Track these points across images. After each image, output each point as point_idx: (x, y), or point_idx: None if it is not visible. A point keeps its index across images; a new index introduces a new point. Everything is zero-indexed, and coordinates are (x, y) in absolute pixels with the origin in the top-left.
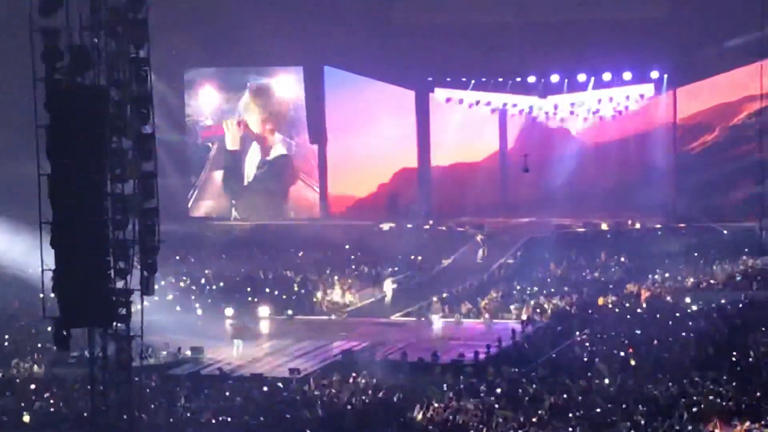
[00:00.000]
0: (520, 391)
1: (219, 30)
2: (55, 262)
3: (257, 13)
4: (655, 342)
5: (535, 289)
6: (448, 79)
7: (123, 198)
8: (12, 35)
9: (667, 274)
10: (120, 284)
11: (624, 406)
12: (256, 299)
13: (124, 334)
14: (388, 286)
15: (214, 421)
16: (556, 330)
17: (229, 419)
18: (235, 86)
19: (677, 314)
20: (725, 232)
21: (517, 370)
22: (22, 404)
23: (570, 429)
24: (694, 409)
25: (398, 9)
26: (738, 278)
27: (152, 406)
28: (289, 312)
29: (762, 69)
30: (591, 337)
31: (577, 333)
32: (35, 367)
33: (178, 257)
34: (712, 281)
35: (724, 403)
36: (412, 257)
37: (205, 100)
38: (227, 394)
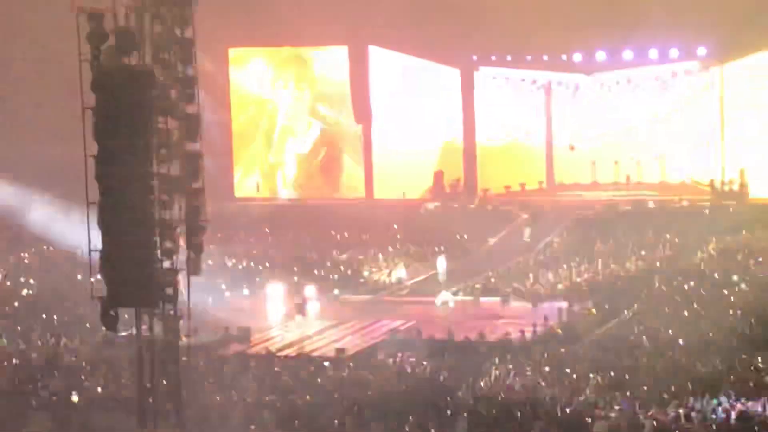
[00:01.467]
0: (566, 370)
1: (263, 9)
2: (101, 242)
3: None
4: (703, 321)
5: (582, 267)
6: (493, 58)
7: (169, 178)
8: (57, 18)
9: (713, 251)
10: (167, 264)
11: (671, 384)
12: (302, 279)
13: (171, 314)
14: (441, 264)
15: (261, 401)
16: (604, 309)
17: (276, 399)
18: (287, 62)
19: (725, 291)
20: None
21: (563, 349)
22: (71, 384)
23: (617, 407)
24: (742, 387)
25: None
26: None
27: (199, 386)
28: (336, 292)
29: None
30: (638, 315)
31: (624, 311)
32: (83, 347)
33: (221, 236)
34: (760, 258)
35: None
36: (458, 237)
37: (256, 76)
38: (274, 373)
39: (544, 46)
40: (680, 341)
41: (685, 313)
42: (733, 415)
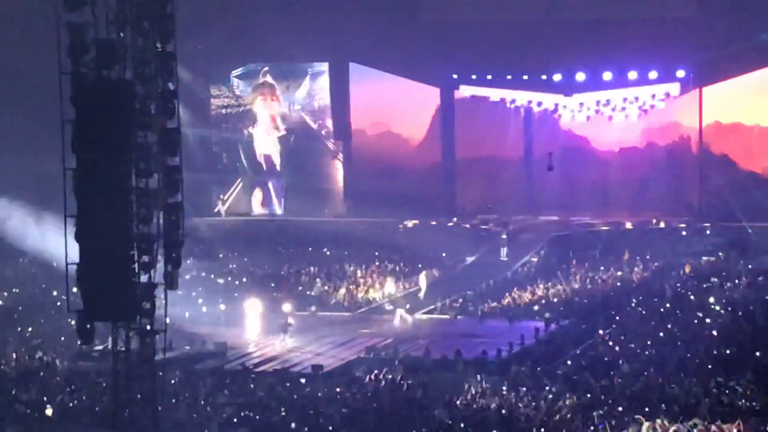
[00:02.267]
0: (543, 389)
1: (245, 25)
2: (79, 255)
3: (283, 9)
4: (678, 342)
5: (558, 287)
6: (474, 77)
7: (147, 192)
8: (38, 29)
9: (690, 273)
10: (144, 278)
11: (647, 405)
12: (279, 295)
13: (148, 329)
14: (423, 281)
15: (236, 417)
16: (580, 328)
17: (251, 414)
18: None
19: (700, 313)
20: (750, 231)
21: (539, 368)
22: (45, 398)
23: (592, 428)
24: (718, 409)
25: (425, 6)
26: (761, 278)
27: (174, 401)
28: (313, 308)
29: None
30: (614, 335)
31: (600, 332)
32: (58, 360)
33: (201, 251)
34: (736, 280)
35: (747, 404)
36: (436, 255)
37: (236, 92)
38: (250, 389)
39: (524, 66)
40: (655, 362)
41: (661, 334)
42: None
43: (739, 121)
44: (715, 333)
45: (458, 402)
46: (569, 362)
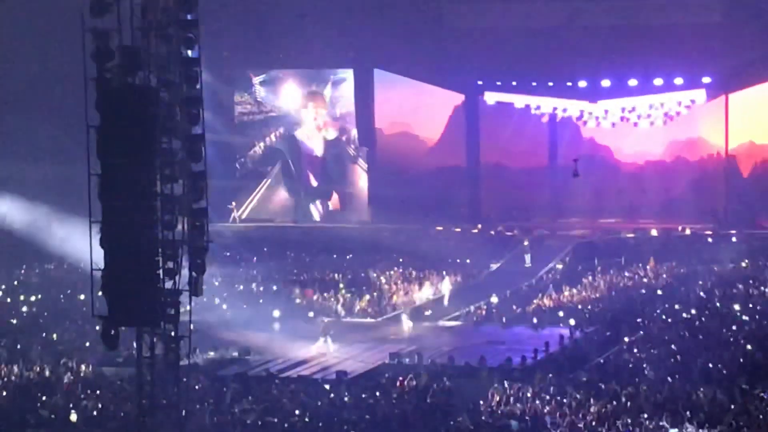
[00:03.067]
0: (567, 396)
1: (269, 32)
2: (104, 261)
3: (308, 15)
4: (704, 349)
5: (583, 294)
6: (498, 83)
7: (172, 198)
8: (64, 36)
9: (715, 280)
10: (168, 284)
11: (672, 413)
12: (304, 301)
13: (172, 334)
14: (446, 287)
15: (260, 423)
16: (605, 335)
17: (275, 421)
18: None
19: (726, 321)
20: None
21: (564, 375)
22: (70, 403)
23: None
24: (743, 418)
25: (449, 12)
26: None
27: (198, 406)
28: (338, 313)
29: None
30: (639, 342)
31: (626, 338)
32: (83, 366)
33: (227, 257)
34: (762, 288)
35: None
36: (460, 261)
37: (260, 97)
38: (274, 395)
39: (549, 73)
40: (680, 370)
41: (686, 342)
42: None
43: (765, 127)
44: (740, 340)
45: (482, 409)
46: (594, 369)
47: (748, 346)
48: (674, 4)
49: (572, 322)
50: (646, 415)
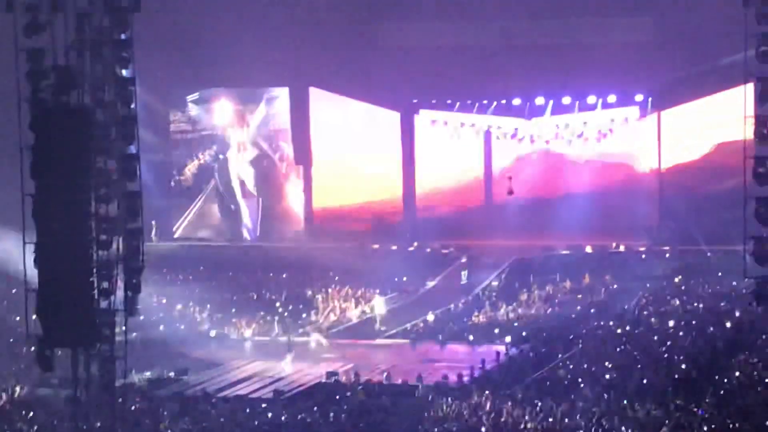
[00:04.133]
0: (504, 413)
1: (204, 50)
2: (38, 281)
3: (243, 34)
4: (638, 365)
5: (520, 311)
6: (433, 101)
7: (107, 218)
8: None
9: (651, 297)
10: (104, 304)
11: (607, 429)
12: (241, 320)
13: (108, 355)
14: (379, 305)
15: None
16: (540, 352)
17: None
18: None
19: (660, 337)
20: (709, 254)
21: (500, 392)
22: (5, 426)
23: None
24: None
25: (384, 31)
26: (722, 302)
27: (136, 427)
28: (274, 333)
29: (746, 92)
30: (575, 359)
31: (560, 355)
32: (18, 388)
33: (164, 277)
34: (696, 304)
35: (706, 427)
36: (397, 279)
37: (192, 115)
38: (212, 415)
39: (483, 90)
40: (616, 385)
41: (621, 358)
42: None
43: (697, 144)
44: (675, 356)
45: (420, 427)
46: (530, 386)
47: (683, 364)
48: (606, 23)
49: (508, 339)
50: None
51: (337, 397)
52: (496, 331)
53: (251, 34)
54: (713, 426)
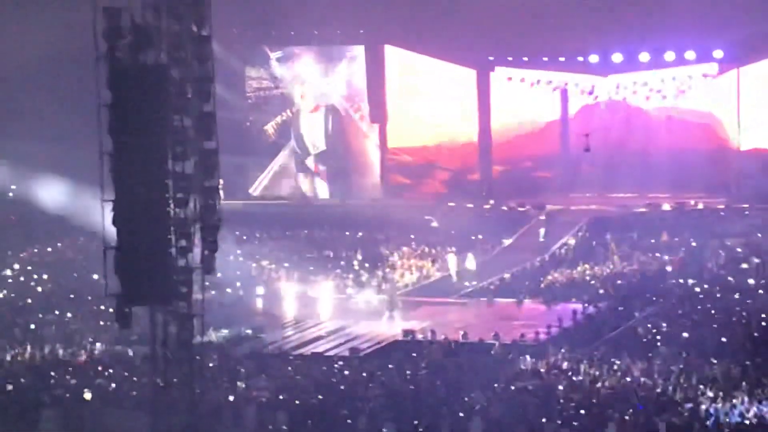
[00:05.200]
0: (581, 370)
1: (280, 9)
2: (117, 239)
3: None
4: (717, 323)
5: (597, 269)
6: (510, 58)
7: (184, 176)
8: (75, 14)
9: (730, 255)
10: (181, 262)
11: (686, 386)
12: (318, 278)
13: (185, 312)
14: (455, 264)
15: (273, 401)
16: (618, 310)
17: (289, 398)
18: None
19: (738, 295)
20: None
21: (577, 350)
22: (84, 382)
23: (630, 410)
24: (757, 391)
25: None
26: None
27: (213, 384)
28: (350, 291)
29: None
30: (652, 317)
31: (637, 314)
32: (98, 345)
33: (240, 235)
34: None
35: None
36: (473, 237)
37: (273, 75)
38: (288, 372)
39: (560, 47)
40: (693, 344)
41: (698, 316)
42: (748, 418)
43: None
44: (753, 314)
45: (496, 385)
46: (607, 345)
47: (762, 322)
48: None
49: (585, 296)
50: (659, 391)
51: (414, 354)
52: (574, 288)
53: None
54: None
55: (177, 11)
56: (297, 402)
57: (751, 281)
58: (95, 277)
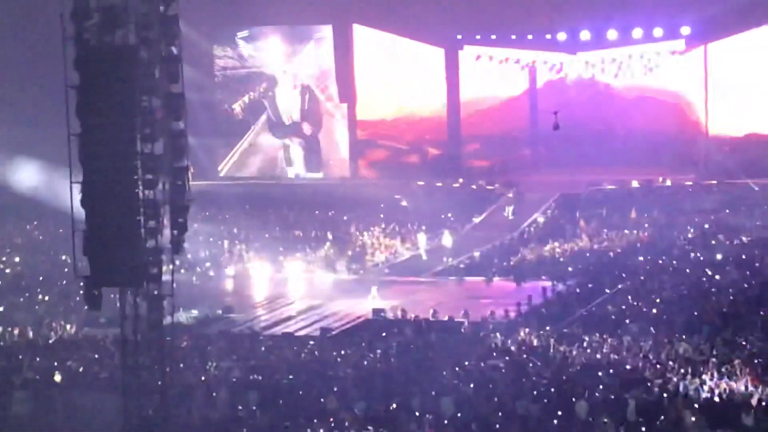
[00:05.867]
0: (551, 348)
1: None
2: (85, 221)
3: None
4: (686, 299)
5: (566, 246)
6: (478, 37)
7: (153, 157)
8: None
9: (698, 231)
10: (151, 243)
11: (655, 363)
12: (287, 258)
13: (155, 294)
14: (424, 242)
15: (245, 380)
16: (587, 288)
17: (260, 378)
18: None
19: (708, 270)
20: (756, 188)
21: (547, 327)
22: (55, 363)
23: (600, 386)
24: (726, 367)
25: None
26: None
27: (183, 365)
28: (320, 270)
29: None
30: (621, 294)
31: (607, 291)
32: (67, 327)
33: (205, 215)
34: (743, 237)
35: (755, 360)
36: (443, 216)
37: (240, 54)
38: (259, 352)
39: (528, 26)
40: (663, 321)
41: (667, 293)
42: (717, 394)
43: (743, 78)
44: (722, 290)
45: (466, 363)
46: (577, 322)
47: (730, 297)
48: None
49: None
50: (628, 367)
51: (384, 334)
52: (543, 266)
53: None
54: (761, 359)
55: None
56: (268, 382)
57: (719, 257)
58: (64, 258)
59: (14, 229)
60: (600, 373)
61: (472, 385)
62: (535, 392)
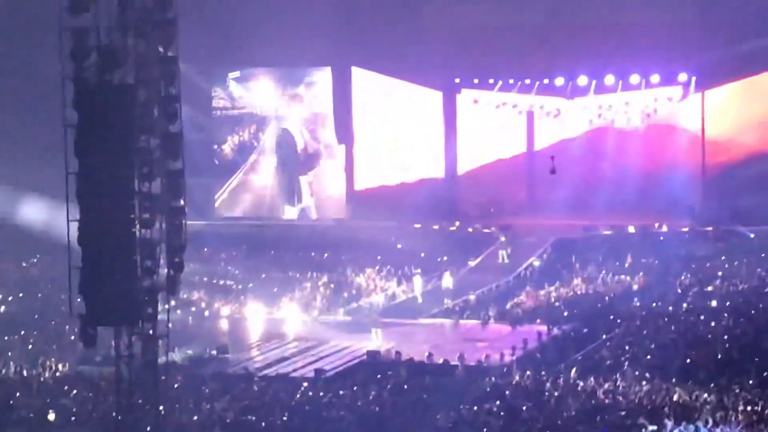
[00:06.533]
0: (545, 393)
1: (246, 30)
2: (82, 259)
3: (284, 13)
4: (681, 345)
5: (562, 290)
6: (476, 81)
7: (150, 197)
8: (41, 34)
9: (694, 278)
10: (146, 283)
11: (650, 408)
12: (283, 299)
13: (150, 333)
14: (420, 285)
15: (238, 421)
16: (582, 332)
17: (254, 419)
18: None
19: (703, 317)
20: (752, 236)
21: (543, 372)
22: (48, 401)
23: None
24: (720, 414)
25: (426, 10)
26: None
27: (177, 405)
28: (315, 312)
29: None
30: (617, 340)
31: (603, 336)
32: (61, 365)
33: (201, 255)
34: (739, 285)
35: (749, 408)
36: (439, 259)
37: (238, 95)
38: (253, 393)
39: (526, 70)
40: (658, 366)
41: (663, 338)
42: None
43: (741, 125)
44: (718, 337)
45: (461, 406)
46: (572, 366)
47: (725, 344)
48: (650, 1)
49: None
50: (624, 413)
51: (378, 376)
52: (538, 310)
53: (293, 13)
54: (756, 407)
55: (144, 31)
56: (262, 423)
57: (714, 303)
58: (63, 297)
59: (9, 266)
60: (595, 418)
61: (466, 429)
62: None
